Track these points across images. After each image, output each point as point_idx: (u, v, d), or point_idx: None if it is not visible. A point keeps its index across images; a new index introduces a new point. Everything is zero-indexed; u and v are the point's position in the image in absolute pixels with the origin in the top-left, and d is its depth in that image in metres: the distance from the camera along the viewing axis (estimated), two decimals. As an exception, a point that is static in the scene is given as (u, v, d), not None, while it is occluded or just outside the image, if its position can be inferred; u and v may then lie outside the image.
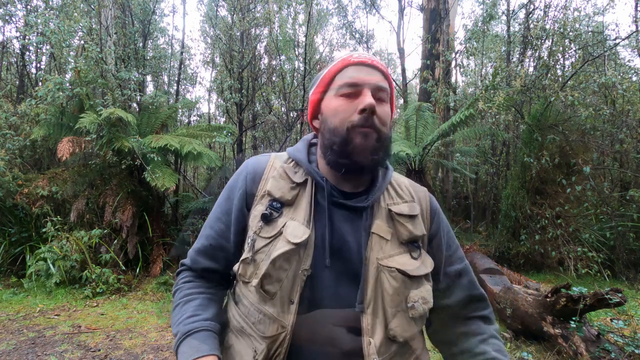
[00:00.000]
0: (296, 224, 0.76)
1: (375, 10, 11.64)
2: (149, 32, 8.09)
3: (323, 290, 0.75)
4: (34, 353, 3.02)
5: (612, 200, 5.33)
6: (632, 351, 2.52)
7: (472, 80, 10.89)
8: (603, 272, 4.64)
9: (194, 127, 7.14)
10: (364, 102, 0.75)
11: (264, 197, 0.81)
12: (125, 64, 6.77)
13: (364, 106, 0.75)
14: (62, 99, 5.32)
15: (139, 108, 6.71)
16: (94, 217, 5.27)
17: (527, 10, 6.68)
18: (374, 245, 0.77)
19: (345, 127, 0.76)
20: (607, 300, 2.54)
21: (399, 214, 0.81)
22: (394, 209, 0.82)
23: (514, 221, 5.61)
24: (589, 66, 5.98)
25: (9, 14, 6.36)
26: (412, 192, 0.88)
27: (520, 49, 6.92)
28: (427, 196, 0.90)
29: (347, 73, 0.79)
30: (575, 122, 5.49)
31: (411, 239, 0.80)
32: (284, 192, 0.80)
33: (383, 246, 0.77)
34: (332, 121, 0.79)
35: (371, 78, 0.78)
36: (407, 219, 0.81)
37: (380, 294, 0.74)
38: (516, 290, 3.47)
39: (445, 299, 0.86)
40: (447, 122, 5.17)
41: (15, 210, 5.14)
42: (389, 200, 0.84)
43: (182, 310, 0.82)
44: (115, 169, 5.68)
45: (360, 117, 0.75)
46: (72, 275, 4.60)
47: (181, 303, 0.83)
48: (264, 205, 0.79)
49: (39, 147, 6.13)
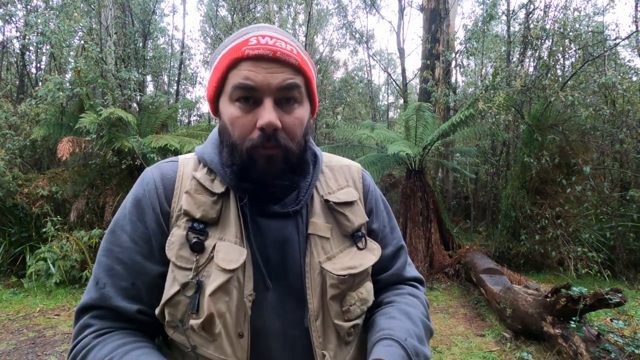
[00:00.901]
0: (228, 245, 0.64)
1: (375, 10, 11.65)
2: (149, 32, 8.10)
3: (270, 312, 0.66)
4: (34, 353, 3.03)
5: (612, 200, 5.33)
6: (632, 351, 2.52)
7: (472, 80, 10.89)
8: (603, 272, 4.64)
9: (194, 127, 7.14)
10: (263, 119, 0.61)
11: (179, 218, 0.66)
12: (125, 64, 6.77)
13: (262, 125, 0.61)
14: (62, 99, 5.32)
15: (139, 108, 6.72)
16: (94, 217, 5.28)
17: (527, 10, 6.68)
18: (314, 248, 0.69)
19: (245, 147, 0.63)
20: (607, 300, 2.54)
21: (337, 203, 0.73)
22: (331, 198, 0.73)
23: (514, 221, 5.61)
24: (589, 66, 5.98)
25: (9, 14, 6.36)
26: (346, 174, 0.80)
27: (520, 49, 6.92)
28: (359, 173, 0.81)
29: (242, 71, 0.62)
30: (575, 122, 5.50)
31: (355, 229, 0.73)
32: (206, 210, 0.66)
33: (324, 246, 0.70)
34: (231, 134, 0.65)
35: (273, 78, 0.62)
36: (346, 206, 0.73)
37: (324, 300, 0.68)
38: (516, 290, 3.47)
39: (375, 277, 0.78)
40: (447, 122, 5.17)
41: (15, 210, 5.14)
42: (324, 190, 0.74)
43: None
44: (115, 169, 5.68)
45: (260, 136, 0.62)
46: (72, 275, 4.60)
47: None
48: (182, 228, 0.65)
49: (39, 147, 6.13)
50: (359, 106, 13.62)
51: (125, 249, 0.65)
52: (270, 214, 0.69)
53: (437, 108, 7.22)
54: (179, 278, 0.62)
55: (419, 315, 0.74)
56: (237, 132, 0.64)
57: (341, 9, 11.33)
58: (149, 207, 0.67)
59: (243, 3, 8.62)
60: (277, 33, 0.65)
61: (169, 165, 0.72)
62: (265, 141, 0.62)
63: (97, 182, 5.64)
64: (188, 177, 0.70)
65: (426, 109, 5.87)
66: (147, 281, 0.65)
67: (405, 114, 6.03)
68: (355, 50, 13.37)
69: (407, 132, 5.99)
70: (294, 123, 0.65)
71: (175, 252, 0.63)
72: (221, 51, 0.67)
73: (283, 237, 0.69)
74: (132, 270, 0.65)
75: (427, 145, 5.50)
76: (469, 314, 4.08)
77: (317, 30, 11.61)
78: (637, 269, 4.85)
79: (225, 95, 0.66)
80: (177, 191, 0.68)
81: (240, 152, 0.64)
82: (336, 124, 7.05)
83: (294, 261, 0.69)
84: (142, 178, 0.70)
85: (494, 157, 8.22)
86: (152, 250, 0.66)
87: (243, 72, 0.62)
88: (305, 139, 0.69)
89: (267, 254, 0.68)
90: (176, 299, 0.62)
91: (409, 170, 5.85)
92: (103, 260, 0.66)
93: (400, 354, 0.63)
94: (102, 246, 0.67)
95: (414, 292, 0.80)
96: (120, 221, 0.67)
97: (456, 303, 4.43)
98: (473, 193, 8.70)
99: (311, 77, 0.68)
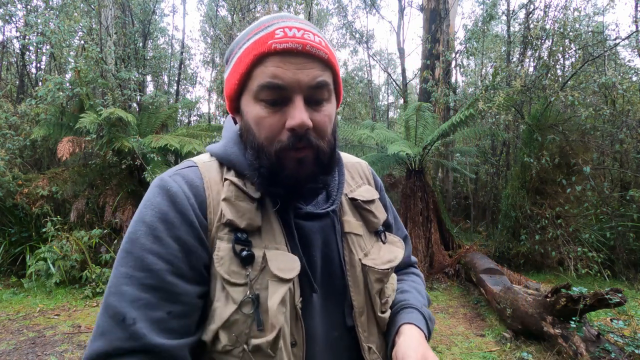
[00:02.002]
0: (280, 253, 0.60)
1: (375, 10, 11.66)
2: (149, 32, 8.10)
3: (315, 316, 0.64)
4: (34, 353, 3.03)
5: (612, 200, 5.33)
6: (632, 351, 2.52)
7: (472, 80, 10.89)
8: (603, 272, 4.64)
9: (194, 127, 7.15)
10: (294, 119, 0.57)
11: (219, 229, 0.59)
12: (125, 64, 6.77)
13: (293, 126, 0.57)
14: (62, 99, 5.33)
15: (139, 108, 6.72)
16: (94, 217, 5.28)
17: (527, 10, 6.68)
18: (352, 246, 0.69)
19: (273, 149, 0.59)
20: (607, 300, 2.54)
21: (363, 202, 0.74)
22: (355, 196, 0.74)
23: (514, 221, 5.62)
24: (589, 66, 5.98)
25: (9, 14, 6.36)
26: (359, 171, 0.81)
27: (520, 49, 6.93)
28: (368, 169, 0.84)
29: (269, 67, 0.57)
30: (575, 122, 5.50)
31: (380, 225, 0.75)
32: (251, 218, 0.60)
33: (360, 244, 0.71)
34: (257, 135, 0.60)
35: (303, 75, 0.57)
36: (372, 204, 0.75)
37: (368, 296, 0.69)
38: (516, 290, 3.47)
39: None
40: (447, 122, 5.17)
41: (15, 210, 5.14)
42: (347, 188, 0.75)
43: None
44: (115, 169, 5.69)
45: (290, 137, 0.58)
46: (72, 275, 4.60)
47: None
48: (226, 240, 0.59)
49: (39, 147, 6.14)
50: (359, 106, 13.62)
51: (154, 272, 0.54)
52: (307, 216, 0.66)
53: (437, 108, 7.23)
54: (235, 296, 0.56)
55: (423, 290, 0.84)
56: (264, 133, 0.59)
57: (341, 9, 11.34)
58: (182, 221, 0.58)
59: (243, 3, 8.62)
60: (303, 24, 0.60)
61: (190, 171, 0.64)
62: (297, 142, 0.58)
63: (97, 182, 5.65)
64: (216, 182, 0.63)
65: (426, 109, 5.87)
66: (187, 303, 0.56)
67: (405, 114, 6.03)
68: (355, 50, 13.38)
69: (407, 132, 5.99)
70: (324, 121, 0.61)
71: (227, 268, 0.57)
72: (243, 44, 0.61)
73: (323, 238, 0.68)
74: (168, 296, 0.55)
75: (427, 145, 5.50)
76: (469, 314, 4.08)
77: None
78: (637, 269, 4.85)
79: (248, 93, 0.60)
80: (210, 200, 0.61)
81: (269, 154, 0.59)
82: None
83: (335, 261, 0.69)
84: (163, 187, 0.60)
85: (494, 157, 8.22)
86: (191, 269, 0.57)
87: (270, 69, 0.57)
88: (334, 136, 0.65)
89: (310, 257, 0.65)
90: (233, 318, 0.56)
91: (409, 170, 5.85)
92: (125, 289, 0.53)
93: (420, 318, 0.72)
94: (119, 272, 0.55)
95: (416, 271, 0.91)
96: (140, 240, 0.56)
97: (456, 303, 4.43)
98: (473, 193, 8.71)
99: (338, 71, 0.65)
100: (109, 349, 0.51)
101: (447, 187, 8.74)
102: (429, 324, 0.73)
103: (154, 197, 0.59)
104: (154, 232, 0.56)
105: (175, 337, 0.54)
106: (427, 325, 0.73)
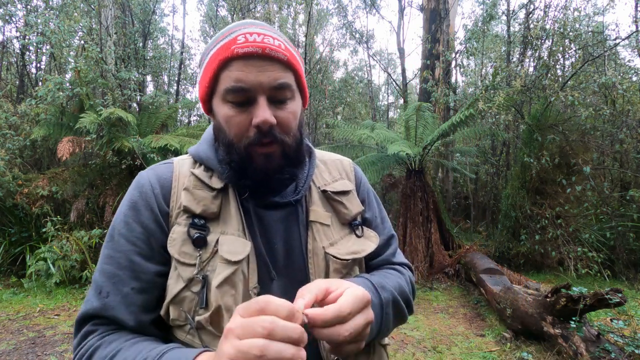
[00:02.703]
0: (231, 238, 0.65)
1: (375, 10, 11.66)
2: (149, 32, 8.10)
3: None
4: (34, 353, 3.03)
5: (612, 200, 5.33)
6: (632, 351, 2.52)
7: (472, 80, 10.90)
8: (603, 272, 4.64)
9: (194, 127, 7.14)
10: (258, 117, 0.62)
11: (179, 216, 0.66)
12: (125, 64, 6.78)
13: (258, 124, 0.62)
14: (62, 99, 5.33)
15: (139, 108, 6.72)
16: (94, 217, 5.28)
17: (527, 10, 6.68)
18: (316, 234, 0.71)
19: (242, 145, 0.64)
20: (607, 300, 2.54)
21: (334, 192, 0.76)
22: (328, 188, 0.76)
23: (514, 221, 5.61)
24: (589, 66, 5.98)
25: (9, 14, 6.36)
26: (338, 167, 0.83)
27: (520, 49, 6.93)
28: (351, 166, 0.85)
29: (233, 72, 0.62)
30: (575, 122, 5.50)
31: (352, 217, 0.76)
32: (207, 205, 0.66)
33: (326, 233, 0.72)
34: (227, 133, 0.66)
35: (264, 77, 0.62)
36: (343, 195, 0.76)
37: None
38: (516, 290, 3.47)
39: (366, 263, 0.81)
40: (447, 122, 5.17)
41: (15, 210, 5.14)
42: (320, 182, 0.77)
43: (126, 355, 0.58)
44: (115, 169, 5.69)
45: (256, 133, 0.63)
46: (72, 275, 4.60)
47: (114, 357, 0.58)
48: (182, 225, 0.65)
49: (39, 147, 6.14)
50: (359, 106, 13.62)
51: (124, 253, 0.64)
52: (271, 205, 0.70)
53: (437, 108, 7.23)
54: (184, 274, 0.62)
55: (395, 279, 0.75)
56: (234, 131, 0.65)
57: (341, 9, 11.34)
58: (146, 208, 0.66)
59: (243, 3, 8.62)
60: (264, 29, 0.65)
61: (163, 167, 0.73)
62: (262, 137, 0.63)
63: (97, 182, 5.64)
64: (185, 175, 0.70)
65: (426, 109, 5.87)
66: (147, 280, 0.64)
67: (405, 114, 6.03)
68: (355, 50, 13.37)
69: (407, 132, 5.99)
70: (288, 118, 0.65)
71: (178, 249, 0.63)
72: (210, 51, 0.67)
73: (285, 226, 0.71)
74: (133, 273, 0.64)
75: (427, 145, 5.50)
76: (469, 314, 4.08)
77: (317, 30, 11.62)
78: (637, 269, 4.85)
79: (218, 95, 0.66)
80: (175, 190, 0.69)
81: (238, 150, 0.65)
82: (336, 124, 7.05)
83: (297, 249, 0.70)
84: (137, 181, 0.70)
85: (494, 157, 8.22)
86: (151, 250, 0.65)
87: (234, 74, 0.62)
88: (300, 131, 0.70)
89: (270, 245, 0.69)
90: (182, 295, 0.62)
91: (409, 170, 5.85)
92: (105, 267, 0.64)
93: (365, 282, 0.67)
94: (103, 253, 0.66)
95: (399, 269, 0.83)
96: (117, 226, 0.67)
97: (456, 303, 4.43)
98: (473, 193, 8.71)
99: (300, 70, 0.69)
100: (89, 312, 0.63)
101: (447, 187, 8.74)
102: (377, 290, 0.67)
103: (131, 189, 0.70)
104: (125, 218, 0.67)
105: (136, 310, 0.63)
106: (375, 289, 0.67)
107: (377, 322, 0.65)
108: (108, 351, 0.58)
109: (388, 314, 0.68)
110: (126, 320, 0.62)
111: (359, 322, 0.54)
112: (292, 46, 0.70)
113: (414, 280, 0.85)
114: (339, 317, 0.52)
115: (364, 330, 0.56)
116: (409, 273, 0.85)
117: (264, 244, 0.68)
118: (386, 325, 0.68)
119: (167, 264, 0.65)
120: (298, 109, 0.69)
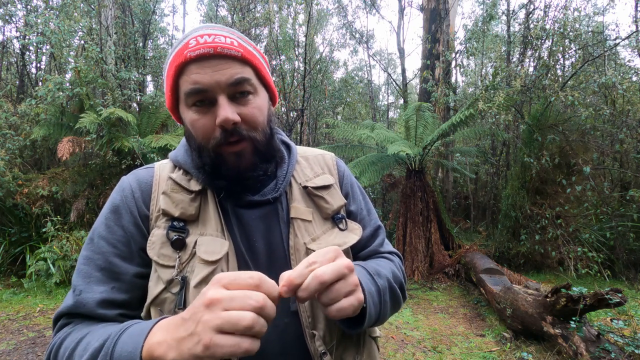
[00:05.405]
0: (209, 238, 0.65)
1: (375, 10, 11.67)
2: (149, 32, 8.09)
3: None
4: (34, 353, 3.03)
5: (612, 200, 5.33)
6: (632, 351, 2.52)
7: (472, 80, 10.89)
8: (603, 272, 4.64)
9: (194, 127, 7.13)
10: (220, 116, 0.62)
11: (159, 219, 0.67)
12: (125, 64, 6.77)
13: (221, 123, 0.62)
14: (62, 99, 5.33)
15: (139, 108, 6.71)
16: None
17: (527, 10, 6.68)
18: (297, 230, 0.71)
19: (210, 147, 0.65)
20: (607, 300, 2.54)
21: (315, 188, 0.76)
22: (309, 184, 0.76)
23: (514, 221, 5.61)
24: (589, 66, 5.98)
25: (9, 14, 6.36)
26: (320, 162, 0.83)
27: (520, 49, 6.92)
28: (333, 160, 0.85)
29: (189, 75, 0.63)
30: (575, 122, 5.50)
31: (334, 211, 0.75)
32: (185, 208, 0.67)
33: (308, 229, 0.72)
34: (195, 136, 0.67)
35: (220, 76, 0.63)
36: (324, 190, 0.76)
37: None
38: (516, 290, 3.47)
39: (354, 255, 0.81)
40: (447, 122, 5.17)
41: (15, 210, 5.14)
42: (301, 178, 0.77)
43: (89, 340, 0.57)
44: (115, 169, 5.69)
45: (222, 133, 0.64)
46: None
47: (82, 339, 0.59)
48: (162, 228, 0.66)
49: (39, 147, 6.14)
50: (359, 106, 13.61)
51: (103, 254, 0.65)
52: (250, 204, 0.71)
53: (437, 108, 7.23)
54: (163, 276, 0.63)
55: (387, 266, 0.76)
56: (200, 133, 0.65)
57: (341, 9, 11.34)
58: (126, 211, 0.68)
59: (243, 3, 8.62)
60: (215, 30, 0.65)
61: (145, 171, 0.74)
62: (229, 136, 0.64)
63: (97, 182, 5.64)
64: (164, 179, 0.71)
65: (426, 109, 5.87)
66: (126, 281, 0.65)
67: (405, 114, 6.03)
68: (355, 50, 13.36)
69: (407, 132, 5.99)
70: (252, 113, 0.66)
71: (157, 251, 0.64)
72: (168, 59, 0.68)
73: (265, 224, 0.71)
74: (111, 274, 0.65)
75: (427, 145, 5.50)
76: (469, 314, 4.08)
77: (317, 30, 11.61)
78: (637, 269, 4.85)
79: (182, 102, 0.67)
80: (155, 194, 0.70)
81: (208, 152, 0.66)
82: (336, 124, 7.05)
83: (279, 247, 0.70)
84: (119, 185, 0.72)
85: (494, 157, 8.22)
86: (131, 252, 0.66)
87: (191, 77, 0.63)
88: (270, 126, 0.71)
89: (250, 243, 0.69)
90: (162, 296, 0.63)
91: (409, 170, 5.85)
92: (82, 268, 0.66)
93: (361, 270, 0.67)
94: (81, 254, 0.67)
95: (388, 257, 0.83)
96: (97, 229, 0.68)
97: (456, 303, 4.43)
98: (473, 193, 8.71)
99: (259, 65, 0.69)
100: (63, 310, 0.65)
101: (447, 187, 8.73)
102: (374, 277, 0.67)
103: (113, 193, 0.72)
104: (106, 221, 0.68)
105: (113, 309, 0.64)
106: (371, 277, 0.67)
107: (375, 309, 0.65)
108: (77, 335, 0.60)
109: (386, 301, 0.68)
110: (100, 315, 0.63)
111: (334, 264, 0.54)
112: (250, 43, 0.70)
113: (403, 267, 0.85)
114: (308, 266, 0.53)
115: (348, 274, 0.56)
116: (398, 260, 0.85)
117: (243, 242, 0.68)
118: (384, 312, 0.68)
119: (147, 266, 0.66)
120: (264, 104, 0.69)
